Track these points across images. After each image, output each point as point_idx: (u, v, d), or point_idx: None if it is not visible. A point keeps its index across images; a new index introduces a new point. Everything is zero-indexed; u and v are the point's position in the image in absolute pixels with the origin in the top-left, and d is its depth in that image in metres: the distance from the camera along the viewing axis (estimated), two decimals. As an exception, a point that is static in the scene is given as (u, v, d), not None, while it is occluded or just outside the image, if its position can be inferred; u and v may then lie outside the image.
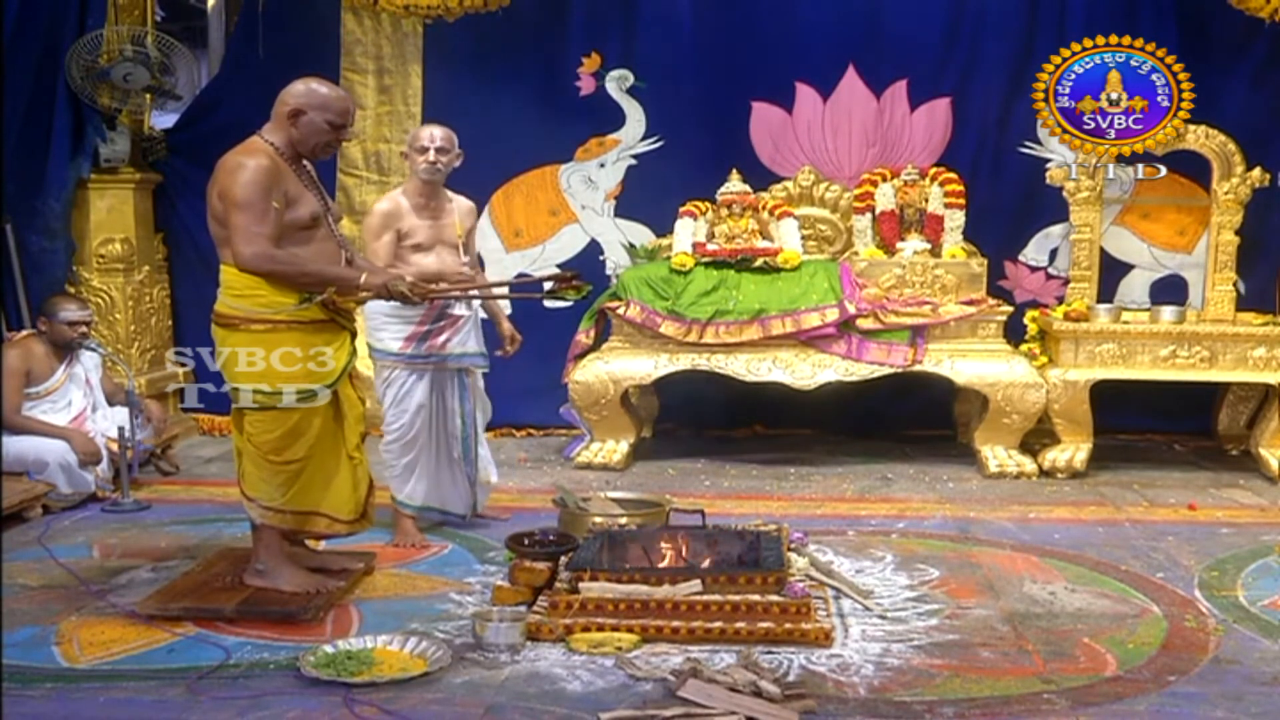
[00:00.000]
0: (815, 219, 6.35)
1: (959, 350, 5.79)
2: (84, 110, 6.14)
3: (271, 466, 3.62)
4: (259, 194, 3.49)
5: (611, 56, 6.49)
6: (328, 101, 3.64)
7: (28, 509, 4.82)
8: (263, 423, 3.60)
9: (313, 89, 3.65)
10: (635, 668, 3.20)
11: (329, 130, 3.65)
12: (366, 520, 3.91)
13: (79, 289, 6.23)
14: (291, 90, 3.66)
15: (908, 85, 6.39)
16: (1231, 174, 5.83)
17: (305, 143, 3.65)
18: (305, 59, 6.50)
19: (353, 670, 3.15)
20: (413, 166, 4.54)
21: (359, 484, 3.84)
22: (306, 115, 3.61)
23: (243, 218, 3.48)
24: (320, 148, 3.70)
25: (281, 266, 3.54)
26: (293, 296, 3.56)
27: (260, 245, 3.48)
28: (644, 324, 5.83)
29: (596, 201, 6.61)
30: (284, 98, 3.66)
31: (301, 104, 3.62)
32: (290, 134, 3.63)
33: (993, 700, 3.07)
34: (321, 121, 3.63)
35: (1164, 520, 4.95)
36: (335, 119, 3.65)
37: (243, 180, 3.49)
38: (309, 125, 3.62)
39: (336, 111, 3.65)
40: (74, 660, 3.31)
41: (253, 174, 3.49)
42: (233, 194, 3.49)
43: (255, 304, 3.55)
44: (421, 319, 4.43)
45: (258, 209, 3.49)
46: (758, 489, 5.54)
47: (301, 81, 3.69)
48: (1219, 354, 5.67)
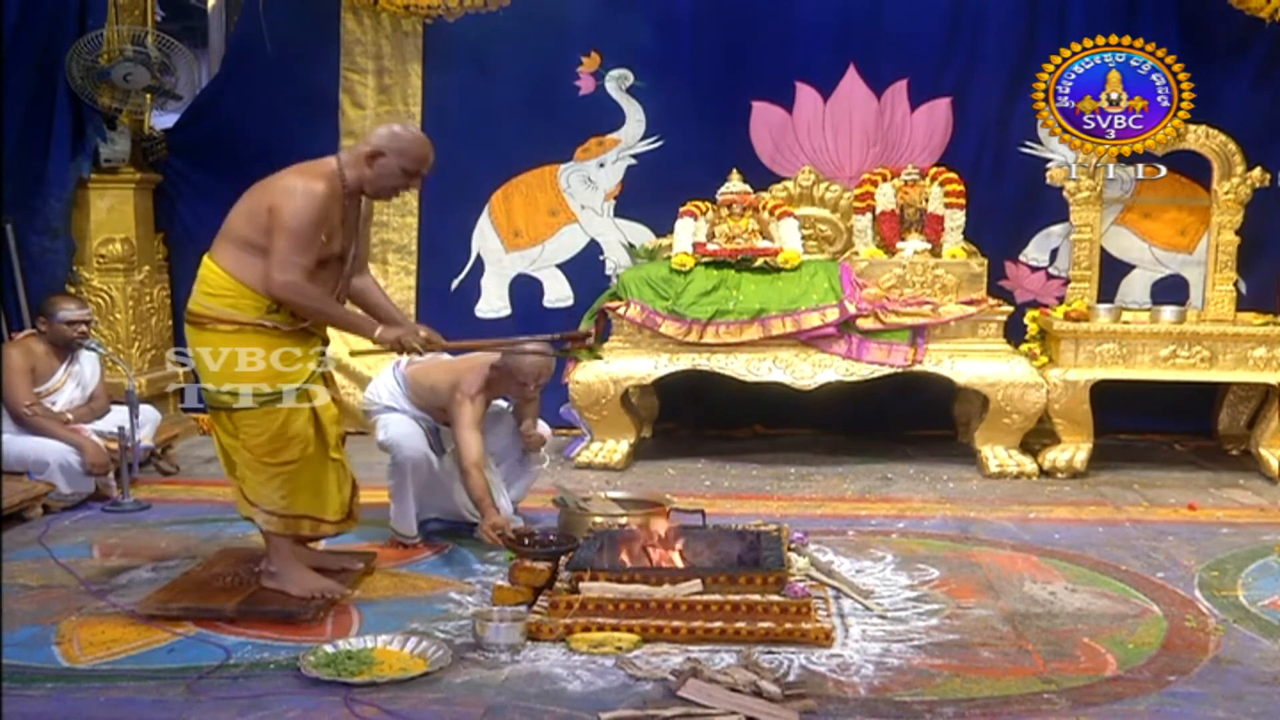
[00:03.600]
0: (815, 219, 6.35)
1: (959, 350, 5.78)
2: (84, 110, 6.14)
3: (267, 470, 3.62)
4: (310, 224, 3.48)
5: (611, 56, 6.49)
6: (407, 149, 3.63)
7: (28, 509, 4.82)
8: (252, 425, 3.58)
9: (396, 133, 3.64)
10: (635, 668, 3.20)
11: (402, 176, 3.65)
12: (352, 520, 3.91)
13: (79, 289, 6.23)
14: (377, 131, 3.68)
15: (908, 85, 6.39)
16: (1232, 174, 5.83)
17: (375, 183, 3.64)
18: (305, 58, 6.56)
19: (353, 670, 3.15)
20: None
21: (343, 484, 3.84)
22: (385, 158, 3.60)
23: (287, 244, 3.46)
24: (389, 190, 3.71)
25: (305, 300, 3.53)
26: (261, 300, 3.54)
27: (294, 275, 3.48)
28: (644, 324, 5.83)
29: (596, 201, 6.61)
30: (369, 137, 3.69)
31: (382, 147, 3.60)
32: (364, 172, 3.61)
33: (993, 700, 3.07)
34: (397, 167, 3.62)
35: (1164, 520, 4.95)
36: (410, 165, 3.64)
37: (298, 207, 3.46)
38: (384, 168, 3.61)
39: (413, 158, 3.65)
40: (74, 660, 3.31)
41: (310, 202, 3.47)
42: (284, 216, 3.46)
43: (225, 304, 3.54)
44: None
45: (305, 238, 3.48)
46: (758, 489, 5.54)
47: (387, 125, 3.71)
48: (1219, 354, 5.67)
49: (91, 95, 6.09)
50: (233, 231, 3.60)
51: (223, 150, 6.60)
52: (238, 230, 3.59)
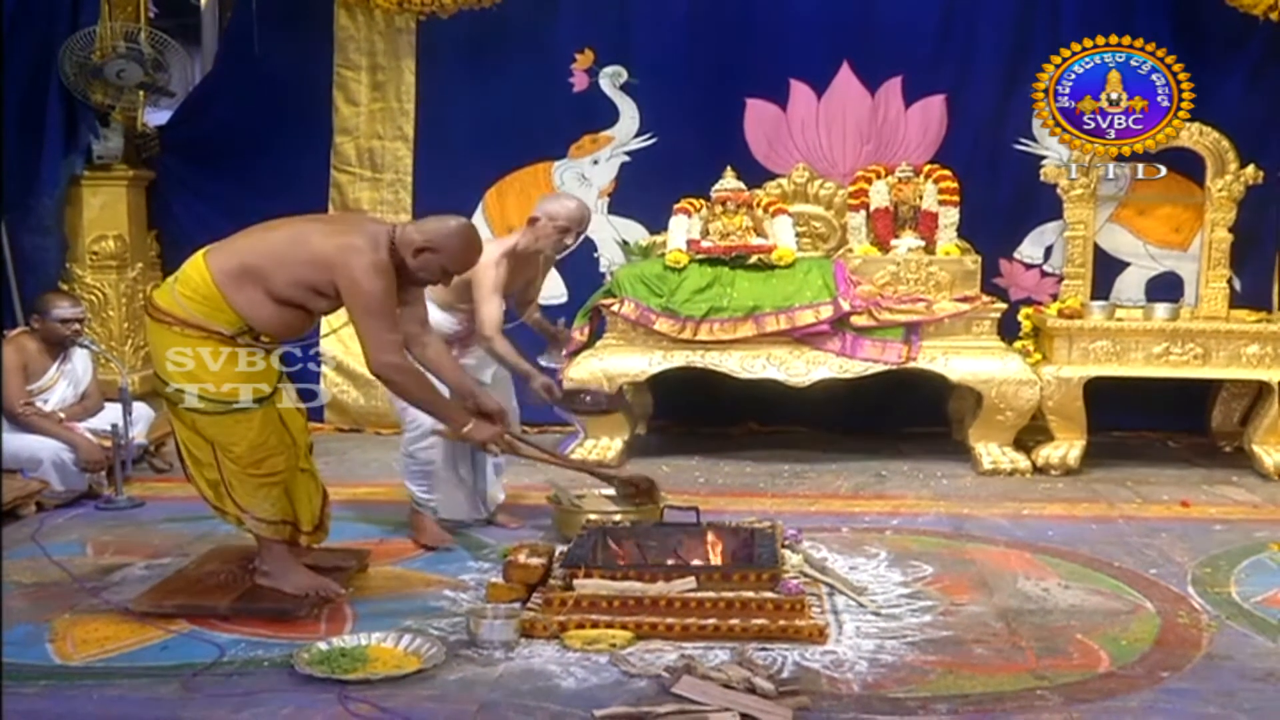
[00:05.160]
0: (810, 216, 6.35)
1: (953, 347, 5.79)
2: (77, 107, 6.12)
3: (254, 480, 3.60)
4: (391, 297, 3.47)
5: (605, 53, 6.48)
6: (454, 251, 3.59)
7: (21, 506, 4.81)
8: (224, 433, 3.54)
9: (450, 232, 3.58)
10: (629, 665, 3.20)
11: (441, 274, 3.64)
12: (322, 531, 3.89)
13: (72, 286, 6.21)
14: (425, 227, 3.61)
15: (902, 82, 6.39)
16: (1225, 171, 5.84)
17: (414, 274, 3.59)
18: (299, 55, 6.55)
19: (347, 667, 3.15)
20: (536, 233, 4.46)
21: (313, 495, 3.82)
22: (432, 255, 3.56)
23: (377, 324, 3.45)
24: (424, 282, 3.69)
25: (407, 380, 3.56)
26: (237, 322, 3.49)
27: (396, 355, 3.49)
28: (638, 321, 5.83)
29: (590, 198, 6.57)
30: (423, 225, 3.63)
31: (430, 244, 3.55)
32: (408, 260, 3.55)
33: (986, 697, 3.08)
34: (439, 265, 3.59)
35: (1157, 517, 4.95)
36: (451, 266, 3.63)
37: (376, 288, 3.42)
38: (427, 264, 3.57)
39: (460, 264, 3.65)
40: (68, 658, 3.31)
41: (385, 281, 3.44)
42: (363, 297, 3.42)
43: (199, 310, 3.48)
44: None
45: (390, 314, 3.47)
46: (752, 486, 5.54)
47: (439, 220, 3.64)
48: (1213, 351, 5.68)
49: (84, 92, 6.07)
50: (254, 260, 3.49)
51: (216, 147, 6.60)
52: (261, 265, 3.48)
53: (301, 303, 3.53)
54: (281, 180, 6.41)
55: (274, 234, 3.60)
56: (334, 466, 5.57)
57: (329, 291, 3.48)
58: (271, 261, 3.49)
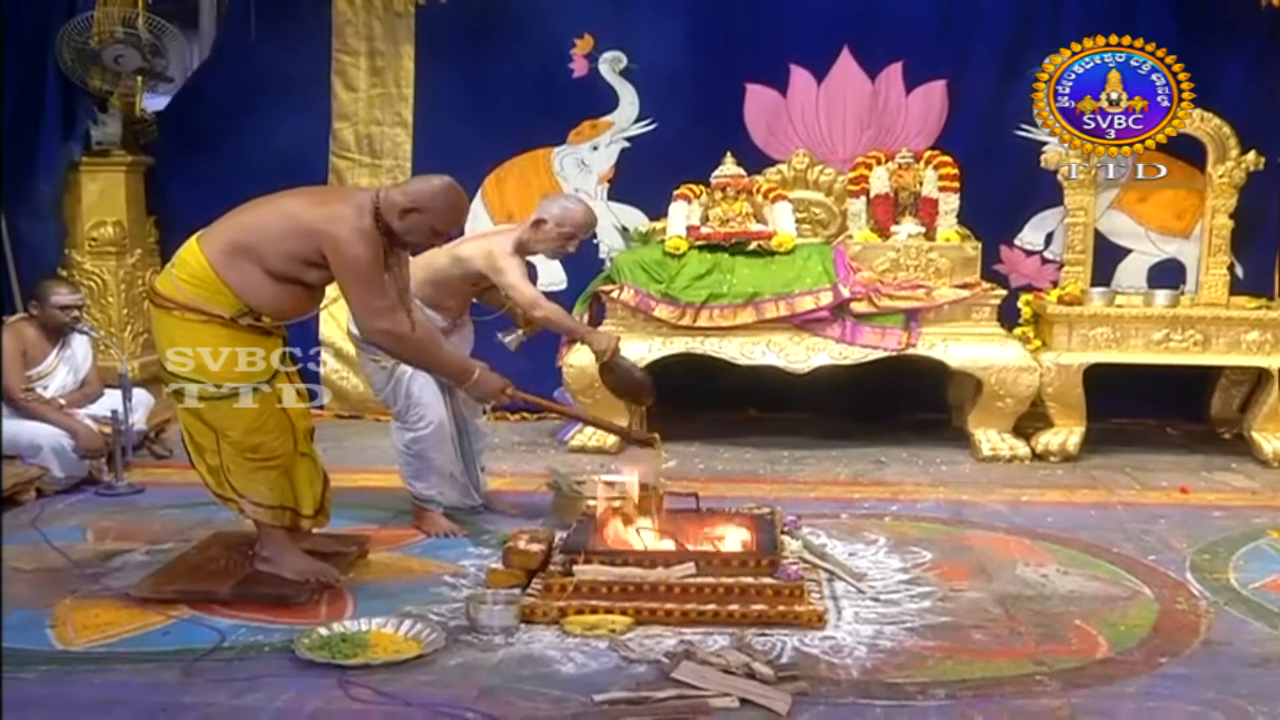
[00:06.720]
0: (809, 202, 6.34)
1: (953, 334, 5.79)
2: (75, 92, 6.11)
3: (250, 463, 3.61)
4: (378, 265, 3.47)
5: (604, 38, 6.46)
6: (440, 209, 3.57)
7: (21, 492, 4.81)
8: (223, 417, 3.56)
9: (435, 193, 3.56)
10: (629, 650, 3.21)
11: (430, 234, 3.63)
12: (324, 516, 3.91)
13: (70, 272, 6.21)
14: (409, 188, 3.60)
15: (903, 68, 6.37)
16: (1226, 157, 5.82)
17: (402, 237, 3.58)
18: (296, 40, 6.52)
19: (347, 653, 3.16)
20: (540, 235, 4.46)
21: (314, 479, 3.84)
22: (419, 215, 3.53)
23: (367, 291, 3.46)
24: (414, 245, 3.68)
25: (406, 345, 3.59)
26: (236, 304, 3.50)
27: (389, 321, 3.50)
28: (638, 307, 5.82)
29: (589, 185, 6.59)
30: (407, 187, 3.61)
31: (416, 204, 3.53)
32: (394, 224, 3.53)
33: (984, 682, 3.08)
34: (427, 225, 3.57)
35: (1156, 503, 4.96)
36: (441, 226, 3.61)
37: (361, 255, 3.43)
38: (415, 224, 3.54)
39: (447, 221, 3.63)
40: (69, 643, 3.31)
41: (371, 247, 3.44)
42: (350, 265, 3.43)
43: (197, 293, 3.48)
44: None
45: (378, 281, 3.48)
46: (751, 472, 5.55)
47: (427, 180, 3.63)
48: (1212, 338, 5.68)
49: (82, 77, 6.05)
50: (244, 238, 3.50)
51: (214, 133, 6.58)
52: (250, 241, 3.49)
53: (296, 276, 3.53)
54: (280, 166, 6.34)
55: (261, 210, 3.60)
56: (333, 452, 5.54)
57: (318, 260, 3.48)
58: (261, 237, 3.50)
